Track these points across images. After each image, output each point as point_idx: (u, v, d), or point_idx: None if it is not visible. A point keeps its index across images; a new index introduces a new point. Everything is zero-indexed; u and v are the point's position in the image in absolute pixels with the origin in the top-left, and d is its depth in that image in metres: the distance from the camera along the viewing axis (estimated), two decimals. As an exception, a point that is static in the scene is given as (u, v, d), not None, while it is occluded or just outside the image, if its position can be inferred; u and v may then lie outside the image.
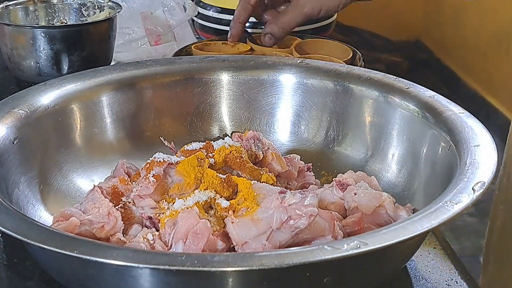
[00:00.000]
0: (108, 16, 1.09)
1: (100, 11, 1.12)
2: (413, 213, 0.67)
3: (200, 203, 0.64)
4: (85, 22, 1.12)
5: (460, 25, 2.84)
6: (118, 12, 1.08)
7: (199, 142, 0.74)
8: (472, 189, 0.58)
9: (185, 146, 0.74)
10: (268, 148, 0.75)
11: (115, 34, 1.09)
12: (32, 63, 1.03)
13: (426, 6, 3.15)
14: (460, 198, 0.57)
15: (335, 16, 1.30)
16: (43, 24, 1.14)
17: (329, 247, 0.51)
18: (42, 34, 1.01)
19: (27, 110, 0.73)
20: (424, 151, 0.72)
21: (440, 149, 0.69)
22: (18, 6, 1.12)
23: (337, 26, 1.34)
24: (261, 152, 0.74)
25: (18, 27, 1.05)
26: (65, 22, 1.14)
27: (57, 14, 1.15)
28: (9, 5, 1.11)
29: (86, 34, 1.05)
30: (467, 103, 0.76)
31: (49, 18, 1.14)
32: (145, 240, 0.60)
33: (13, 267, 0.69)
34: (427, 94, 0.76)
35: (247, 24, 1.11)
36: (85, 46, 1.04)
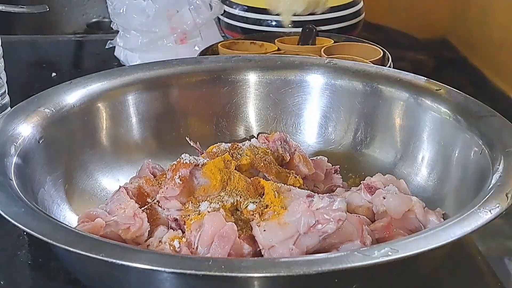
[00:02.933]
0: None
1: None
2: (443, 217, 0.66)
3: (226, 206, 0.63)
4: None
5: (488, 23, 2.80)
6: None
7: (225, 143, 0.73)
8: (506, 195, 0.57)
9: (211, 147, 0.73)
10: (295, 150, 0.74)
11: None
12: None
13: (453, 4, 3.11)
14: (494, 205, 0.55)
15: (363, 14, 1.28)
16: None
17: (359, 254, 0.50)
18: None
19: (52, 109, 0.73)
20: (456, 155, 0.70)
21: (472, 153, 0.67)
22: None
23: (363, 25, 1.32)
24: (288, 154, 0.73)
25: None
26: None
27: None
28: None
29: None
30: (494, 103, 0.74)
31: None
32: (171, 247, 0.60)
33: (37, 266, 0.69)
34: (458, 96, 0.74)
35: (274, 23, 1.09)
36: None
